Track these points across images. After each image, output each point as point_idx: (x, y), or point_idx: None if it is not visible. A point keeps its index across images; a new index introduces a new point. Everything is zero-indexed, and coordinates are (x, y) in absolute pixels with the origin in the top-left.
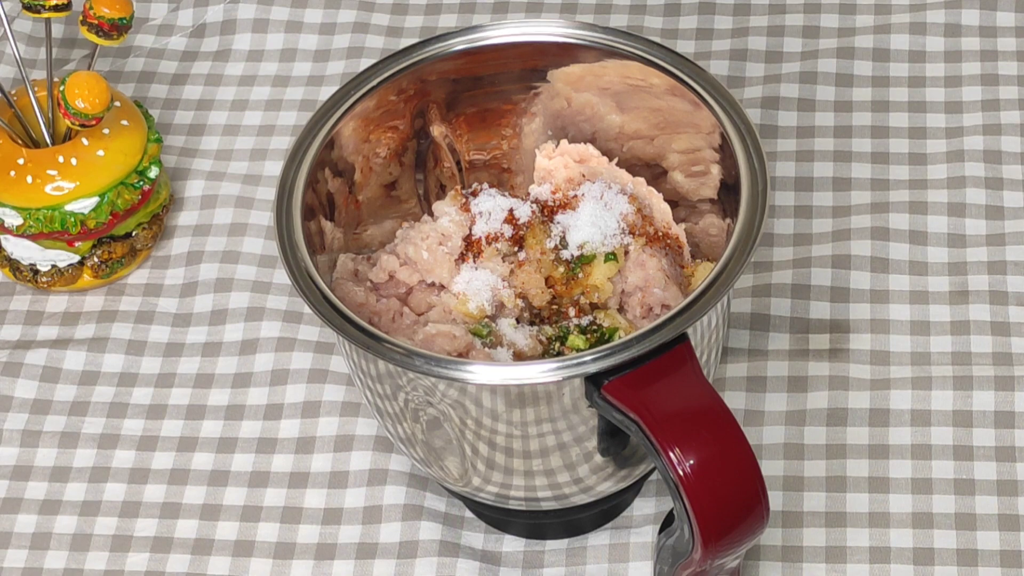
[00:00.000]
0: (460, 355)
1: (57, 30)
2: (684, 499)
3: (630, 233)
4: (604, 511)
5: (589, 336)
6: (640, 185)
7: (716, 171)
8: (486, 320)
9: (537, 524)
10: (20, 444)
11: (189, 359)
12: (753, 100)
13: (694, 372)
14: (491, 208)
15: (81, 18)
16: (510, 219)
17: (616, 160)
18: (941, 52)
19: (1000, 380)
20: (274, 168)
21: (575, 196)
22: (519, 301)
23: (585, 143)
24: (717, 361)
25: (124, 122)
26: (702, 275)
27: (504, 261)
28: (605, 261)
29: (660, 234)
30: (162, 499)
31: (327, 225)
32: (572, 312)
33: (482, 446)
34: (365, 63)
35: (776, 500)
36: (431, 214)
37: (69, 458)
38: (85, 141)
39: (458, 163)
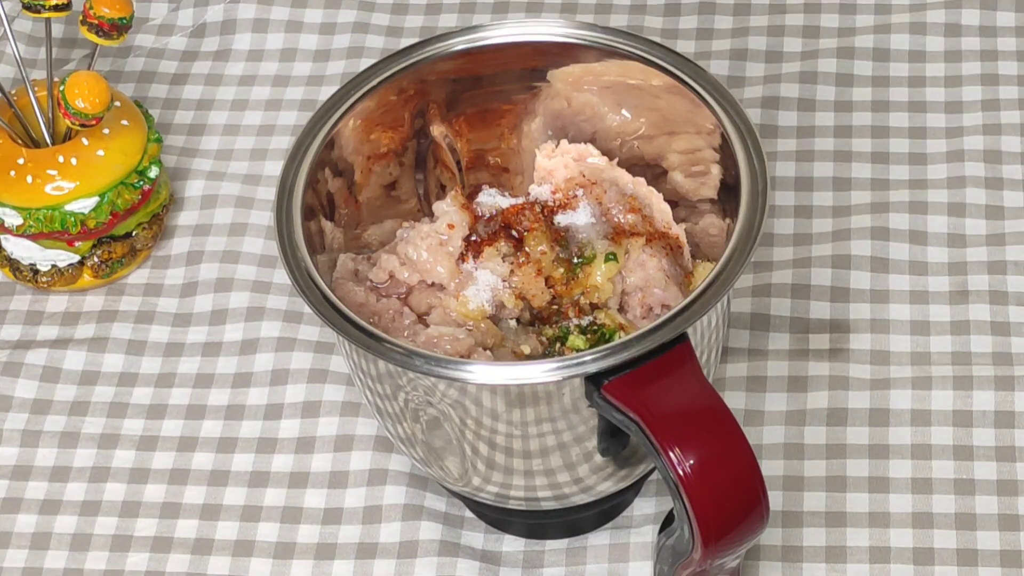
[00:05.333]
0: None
1: (57, 30)
2: (684, 499)
3: (630, 233)
4: (604, 511)
5: (589, 336)
6: (640, 185)
7: (716, 171)
8: (493, 328)
9: (537, 524)
10: (20, 444)
11: (189, 359)
12: (753, 100)
13: (694, 372)
14: (491, 208)
15: (81, 18)
16: (510, 219)
17: (616, 160)
18: (941, 52)
19: (1000, 380)
20: (274, 168)
21: (575, 196)
22: (519, 301)
23: (585, 143)
24: (717, 361)
25: (124, 122)
26: (702, 275)
27: (504, 261)
28: (605, 261)
29: (660, 234)
30: (162, 499)
31: (327, 225)
32: (572, 312)
33: (482, 446)
34: (365, 63)
35: (776, 500)
36: (431, 214)
37: (69, 458)
38: (85, 141)
39: (458, 163)
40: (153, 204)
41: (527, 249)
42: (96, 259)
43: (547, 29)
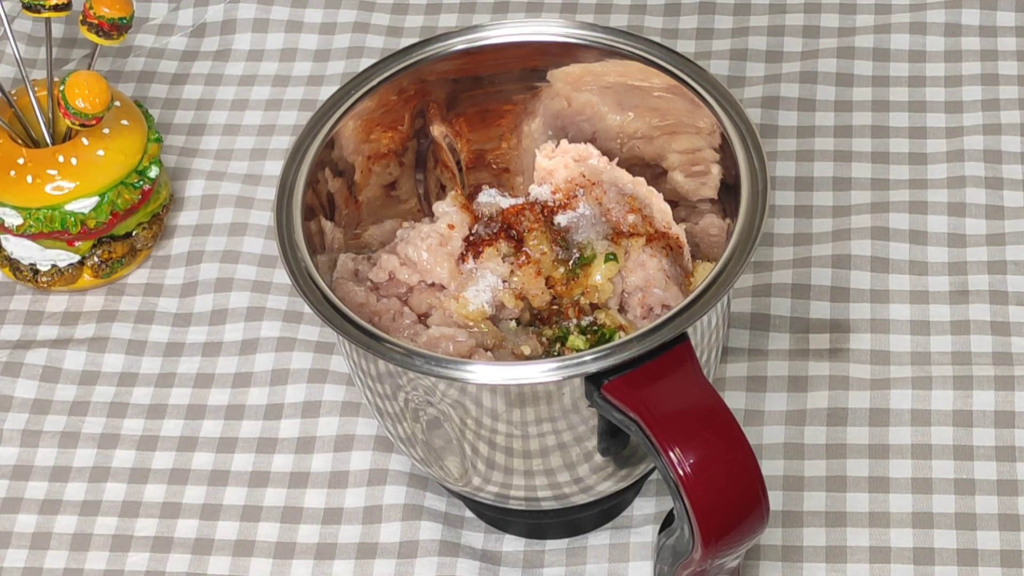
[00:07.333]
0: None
1: (57, 30)
2: (684, 499)
3: (630, 233)
4: (604, 511)
5: (589, 336)
6: (640, 185)
7: (716, 171)
8: (493, 329)
9: (537, 524)
10: (20, 444)
11: (189, 359)
12: (753, 100)
13: (694, 372)
14: (491, 208)
15: (81, 18)
16: (510, 219)
17: (616, 160)
18: (941, 52)
19: (1000, 380)
20: (274, 168)
21: (575, 196)
22: (519, 302)
23: (585, 143)
24: (717, 361)
25: (124, 122)
26: (702, 275)
27: (504, 261)
28: (605, 261)
29: (660, 234)
30: (162, 499)
31: (327, 225)
32: (572, 312)
33: (482, 446)
34: (365, 63)
35: (776, 500)
36: (431, 214)
37: (69, 458)
38: (85, 141)
39: (458, 163)
40: (153, 204)
41: (527, 249)
42: (96, 259)
43: (547, 29)
